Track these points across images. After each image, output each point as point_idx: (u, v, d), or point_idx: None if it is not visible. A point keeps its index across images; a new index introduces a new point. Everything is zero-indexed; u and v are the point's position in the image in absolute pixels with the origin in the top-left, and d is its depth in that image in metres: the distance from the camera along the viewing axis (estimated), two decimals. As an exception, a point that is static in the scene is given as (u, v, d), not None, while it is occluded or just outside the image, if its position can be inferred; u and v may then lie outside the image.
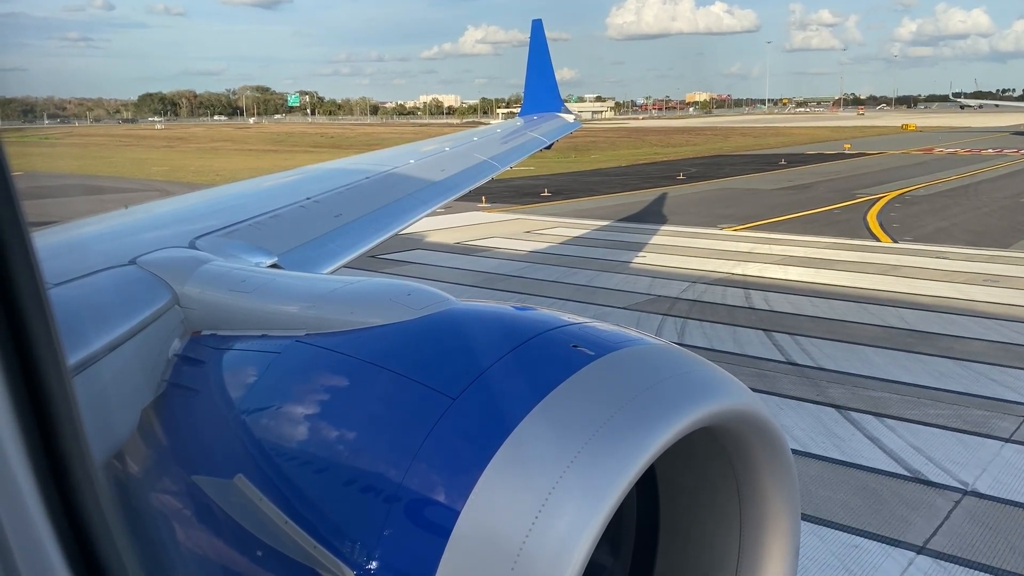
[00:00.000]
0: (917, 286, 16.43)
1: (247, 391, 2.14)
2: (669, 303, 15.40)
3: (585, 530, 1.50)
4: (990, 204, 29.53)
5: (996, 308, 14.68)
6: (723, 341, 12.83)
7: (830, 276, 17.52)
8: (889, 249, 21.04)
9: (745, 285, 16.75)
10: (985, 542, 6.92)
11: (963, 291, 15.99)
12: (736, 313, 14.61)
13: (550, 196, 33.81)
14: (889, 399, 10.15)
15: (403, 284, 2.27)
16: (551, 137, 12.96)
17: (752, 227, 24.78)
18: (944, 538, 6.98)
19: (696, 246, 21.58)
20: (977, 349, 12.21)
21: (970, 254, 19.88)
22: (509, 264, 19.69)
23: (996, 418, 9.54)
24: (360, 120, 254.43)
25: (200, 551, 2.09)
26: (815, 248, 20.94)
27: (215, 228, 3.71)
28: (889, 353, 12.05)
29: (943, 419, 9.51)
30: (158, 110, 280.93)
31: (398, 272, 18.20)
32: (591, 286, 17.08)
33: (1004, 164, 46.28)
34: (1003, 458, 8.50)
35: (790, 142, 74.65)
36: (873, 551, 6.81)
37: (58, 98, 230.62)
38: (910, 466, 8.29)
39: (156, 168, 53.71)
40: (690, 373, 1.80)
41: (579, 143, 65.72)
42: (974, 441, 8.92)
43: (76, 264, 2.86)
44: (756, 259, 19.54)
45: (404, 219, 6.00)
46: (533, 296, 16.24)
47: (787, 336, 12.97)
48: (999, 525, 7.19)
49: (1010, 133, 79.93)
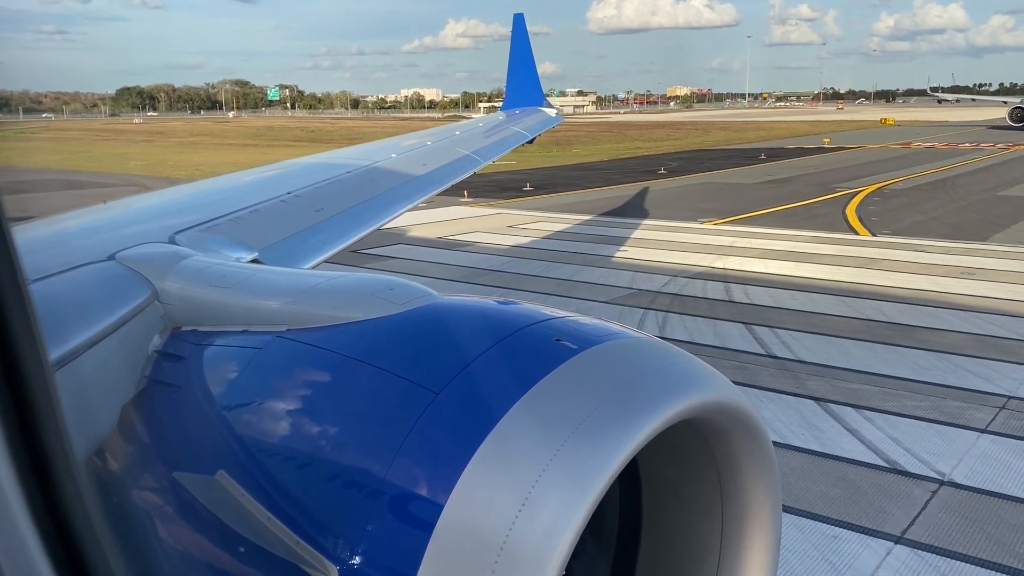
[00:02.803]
0: (895, 279, 16.60)
1: (228, 387, 2.12)
2: (650, 297, 15.46)
3: (568, 523, 1.51)
4: (967, 197, 29.84)
5: (972, 300, 14.86)
6: (703, 334, 12.91)
7: (809, 269, 17.66)
8: (867, 242, 21.24)
9: (725, 279, 16.85)
10: (961, 531, 7.01)
11: (940, 283, 16.18)
12: (716, 306, 14.69)
13: (532, 190, 33.80)
14: (868, 391, 10.26)
15: (385, 279, 2.26)
16: (533, 131, 12.93)
17: (732, 221, 24.91)
18: (921, 528, 7.07)
19: (677, 240, 21.67)
20: (954, 341, 12.36)
21: (947, 247, 20.10)
22: (491, 258, 19.69)
23: (972, 409, 9.67)
24: (341, 114, 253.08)
25: (183, 548, 2.08)
26: (795, 241, 21.09)
27: (195, 223, 3.67)
28: (868, 345, 12.18)
29: (921, 410, 9.62)
30: (136, 104, 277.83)
31: (380, 267, 18.15)
32: (573, 280, 17.12)
33: (981, 158, 46.78)
34: (979, 448, 8.61)
35: (770, 136, 75.00)
36: (852, 541, 6.89)
37: (34, 92, 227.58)
38: (888, 457, 8.39)
39: (134, 163, 53.23)
40: (672, 366, 1.81)
41: (561, 137, 65.76)
42: (951, 432, 9.03)
43: (54, 260, 2.82)
44: (736, 253, 19.65)
45: (386, 214, 5.98)
46: (515, 290, 16.25)
47: (767, 329, 13.07)
48: (975, 514, 7.29)
49: (986, 127, 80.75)
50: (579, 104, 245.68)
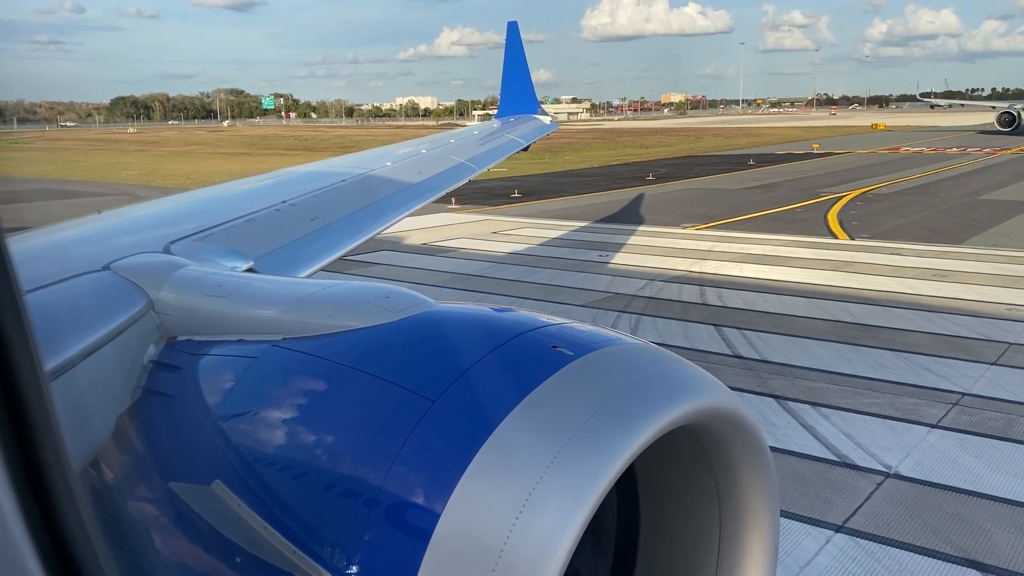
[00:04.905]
0: (868, 281, 16.89)
1: (224, 396, 2.12)
2: (626, 300, 15.75)
3: (566, 529, 1.51)
4: (949, 201, 30.19)
5: (941, 302, 15.16)
6: (674, 336, 13.19)
7: (784, 272, 17.96)
8: (845, 246, 21.55)
9: (701, 282, 17.14)
10: (900, 520, 7.30)
11: (911, 286, 16.48)
12: (689, 309, 14.98)
13: (520, 197, 34.09)
14: (827, 389, 10.55)
15: (381, 287, 2.26)
16: (528, 139, 12.99)
17: (714, 226, 25.22)
18: (863, 517, 7.35)
19: (658, 245, 21.98)
20: (917, 341, 12.65)
21: (922, 250, 20.41)
22: (473, 264, 19.96)
23: (927, 406, 9.96)
24: (335, 123, 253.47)
25: (179, 558, 2.08)
26: (773, 246, 21.40)
27: (190, 232, 3.67)
28: (833, 345, 12.47)
29: (876, 407, 9.91)
30: (130, 114, 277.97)
31: (362, 272, 18.41)
32: (552, 284, 17.40)
33: (967, 162, 47.20)
34: (928, 442, 8.90)
35: (761, 142, 75.46)
36: (796, 531, 7.16)
37: (28, 102, 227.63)
38: (839, 451, 8.68)
39: (127, 172, 53.47)
40: (668, 372, 1.83)
41: (554, 145, 66.08)
42: (903, 427, 9.32)
43: (49, 270, 2.83)
44: (714, 257, 19.95)
45: (382, 222, 5.96)
46: (496, 295, 16.53)
47: (736, 331, 13.36)
48: (915, 504, 7.58)
49: (975, 132, 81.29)
50: (573, 111, 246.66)
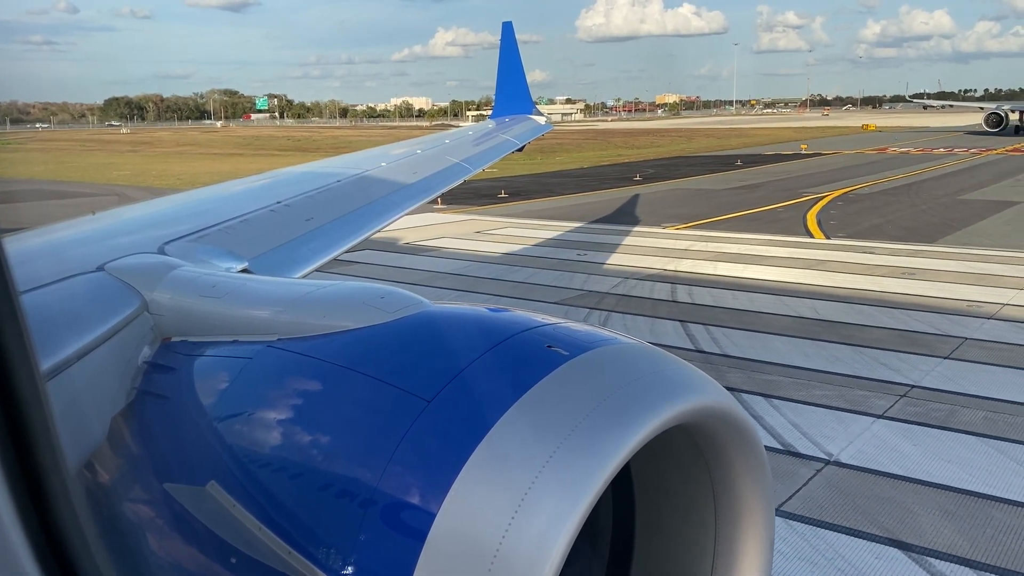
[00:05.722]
0: (837, 279, 17.26)
1: (219, 397, 2.12)
2: (598, 298, 16.10)
3: (562, 529, 1.51)
4: (929, 201, 30.61)
5: (907, 299, 15.54)
6: (640, 332, 13.51)
7: (756, 271, 18.33)
8: (819, 245, 21.94)
9: (675, 280, 17.49)
10: (833, 504, 7.66)
11: (879, 283, 16.84)
12: (659, 306, 15.34)
13: (507, 197, 34.41)
14: (781, 382, 10.91)
15: (376, 287, 2.27)
16: (523, 139, 13.00)
17: (694, 226, 25.57)
18: (798, 501, 7.70)
19: (636, 244, 22.34)
20: (877, 336, 13.01)
21: (895, 249, 20.78)
22: (454, 263, 20.28)
23: (876, 397, 10.32)
24: (329, 123, 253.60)
25: (174, 559, 2.09)
26: (749, 245, 21.76)
27: (184, 233, 3.67)
28: (793, 341, 12.84)
29: (826, 399, 10.27)
30: (124, 114, 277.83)
31: (344, 271, 18.70)
32: (528, 283, 17.75)
33: (952, 163, 47.70)
34: (871, 432, 9.27)
35: (752, 143, 75.93)
36: (734, 514, 7.50)
37: (22, 102, 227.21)
38: (784, 440, 9.03)
39: (117, 173, 53.71)
40: (664, 372, 1.83)
41: (546, 145, 66.35)
42: (849, 418, 9.68)
43: (43, 271, 2.84)
44: (691, 256, 20.31)
45: (377, 222, 5.95)
46: (472, 293, 16.86)
47: (701, 327, 13.72)
48: (851, 489, 7.94)
49: (964, 132, 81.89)
50: (568, 112, 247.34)
